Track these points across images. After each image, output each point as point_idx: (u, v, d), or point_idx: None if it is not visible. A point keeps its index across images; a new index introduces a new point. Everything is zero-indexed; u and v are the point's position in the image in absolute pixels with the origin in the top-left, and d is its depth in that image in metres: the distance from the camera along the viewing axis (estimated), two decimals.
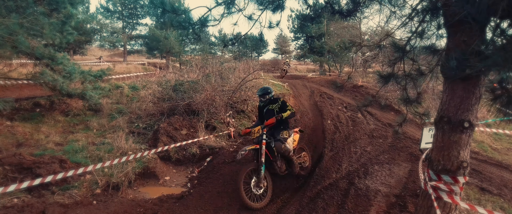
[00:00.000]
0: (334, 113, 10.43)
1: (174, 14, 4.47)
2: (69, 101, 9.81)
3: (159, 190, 5.87)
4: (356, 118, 9.97)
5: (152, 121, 8.55)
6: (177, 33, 26.70)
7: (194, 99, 8.23)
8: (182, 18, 4.41)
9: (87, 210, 4.35)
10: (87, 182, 5.50)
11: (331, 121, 9.40)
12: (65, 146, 7.22)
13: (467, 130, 3.06)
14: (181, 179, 6.52)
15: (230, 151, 7.05)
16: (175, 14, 4.46)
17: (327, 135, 8.09)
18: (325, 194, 5.06)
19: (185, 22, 4.13)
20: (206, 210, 4.77)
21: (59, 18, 7.41)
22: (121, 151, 6.79)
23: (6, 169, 5.28)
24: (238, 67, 11.12)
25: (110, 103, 10.15)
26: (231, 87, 9.26)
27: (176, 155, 7.04)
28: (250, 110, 8.98)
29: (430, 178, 3.33)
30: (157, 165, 6.58)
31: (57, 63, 7.73)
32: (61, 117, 9.23)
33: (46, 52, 7.08)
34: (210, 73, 9.49)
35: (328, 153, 6.91)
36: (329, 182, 5.54)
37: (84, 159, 6.45)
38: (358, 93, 14.05)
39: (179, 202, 5.05)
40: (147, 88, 10.80)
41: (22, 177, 5.29)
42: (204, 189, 5.48)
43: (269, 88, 5.73)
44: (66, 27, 7.60)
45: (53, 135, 7.91)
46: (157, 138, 7.21)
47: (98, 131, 8.53)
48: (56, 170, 5.52)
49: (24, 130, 8.06)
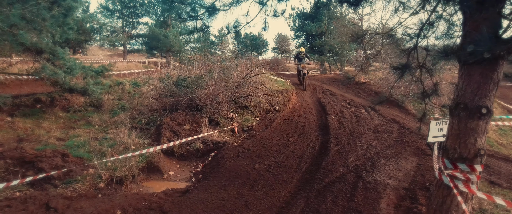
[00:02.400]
0: (338, 109, 10.35)
1: (182, 5, 4.39)
2: (70, 97, 9.69)
3: (163, 185, 5.77)
4: (360, 114, 9.88)
5: (154, 117, 8.45)
6: (183, 27, 26.62)
7: (197, 94, 8.13)
8: (190, 7, 4.32)
9: (91, 203, 4.25)
10: (90, 176, 5.40)
11: (335, 117, 9.31)
12: (66, 141, 7.12)
13: (484, 117, 2.98)
14: (185, 173, 6.42)
15: (234, 146, 6.96)
16: (182, 4, 4.37)
17: (332, 130, 8.01)
18: (334, 187, 4.97)
19: (194, 12, 4.03)
20: (211, 203, 4.68)
21: (59, 11, 7.30)
22: (124, 146, 6.69)
23: (8, 163, 5.18)
24: (240, 63, 11.02)
25: (111, 99, 10.03)
26: (234, 83, 9.18)
27: (180, 150, 6.94)
28: (253, 105, 8.89)
29: (445, 167, 3.24)
30: (161, 160, 6.48)
31: (58, 58, 7.62)
32: (62, 113, 9.12)
33: (47, 46, 6.97)
34: (213, 68, 9.39)
35: (333, 148, 6.82)
36: (337, 175, 5.46)
37: (86, 153, 6.35)
38: (361, 90, 13.97)
39: (184, 196, 4.95)
40: (149, 84, 10.70)
41: (23, 171, 5.19)
42: (209, 183, 5.39)
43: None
44: (67, 20, 7.48)
45: (54, 130, 7.80)
46: (160, 133, 7.11)
47: (100, 127, 8.43)
48: (59, 164, 5.42)
49: (24, 126, 7.96)
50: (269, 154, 6.52)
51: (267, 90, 10.01)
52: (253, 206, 4.58)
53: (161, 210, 4.42)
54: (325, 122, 8.90)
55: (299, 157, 6.46)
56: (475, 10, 2.87)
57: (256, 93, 9.36)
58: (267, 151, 6.68)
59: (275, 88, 10.54)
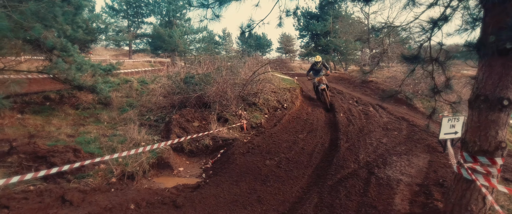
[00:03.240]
0: (346, 107, 10.31)
1: None
2: (78, 94, 9.76)
3: (174, 180, 5.77)
4: (368, 111, 9.84)
5: (163, 114, 8.47)
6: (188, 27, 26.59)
7: (205, 91, 8.13)
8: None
9: (105, 196, 4.26)
10: (102, 171, 5.42)
11: (343, 115, 9.28)
12: (76, 138, 7.16)
13: (506, 109, 2.94)
14: (195, 170, 6.42)
15: (244, 142, 6.95)
16: None
17: (341, 128, 7.98)
18: (346, 182, 4.94)
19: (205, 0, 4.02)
20: (224, 198, 4.67)
21: (70, 9, 7.34)
22: (134, 142, 6.72)
23: (21, 158, 5.21)
24: (247, 61, 11.03)
25: (119, 97, 10.08)
26: (241, 81, 9.18)
27: (189, 147, 6.94)
28: (262, 103, 8.88)
29: (464, 160, 3.21)
30: (171, 156, 6.49)
31: (69, 55, 7.66)
32: (71, 110, 9.18)
33: (58, 42, 7.01)
34: (221, 66, 9.40)
35: (344, 144, 6.79)
36: (348, 171, 5.43)
37: (97, 149, 6.38)
38: (368, 88, 13.92)
39: (196, 191, 4.95)
40: (156, 82, 10.73)
41: (36, 165, 5.21)
42: (221, 178, 5.38)
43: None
44: (76, 19, 7.52)
45: (64, 127, 7.85)
46: (169, 130, 7.13)
47: (109, 124, 8.46)
48: (70, 159, 5.45)
49: (35, 123, 8.01)
50: (279, 151, 6.50)
51: (274, 88, 10.00)
52: (266, 201, 4.57)
53: (174, 204, 4.41)
54: (334, 120, 8.87)
55: (310, 153, 6.44)
56: (497, 2, 2.84)
57: (264, 90, 9.35)
58: (277, 148, 6.66)
59: (282, 86, 10.53)
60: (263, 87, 9.30)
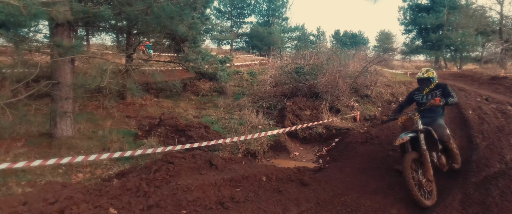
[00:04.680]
0: (474, 104, 8.96)
1: None
2: (198, 83, 11.01)
3: (291, 163, 5.92)
4: (506, 110, 8.32)
5: (274, 102, 8.83)
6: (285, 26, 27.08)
7: (318, 80, 8.14)
8: None
9: (240, 166, 4.66)
10: (229, 147, 5.94)
11: (472, 112, 8.07)
12: (200, 119, 8.04)
13: None
14: (309, 156, 6.48)
15: (360, 132, 6.69)
16: None
17: (473, 125, 6.95)
18: (497, 181, 4.25)
19: None
20: (350, 182, 4.55)
21: None
22: (252, 125, 7.17)
23: (167, 129, 6.13)
24: (356, 54, 10.62)
25: (232, 86, 10.95)
26: (352, 73, 8.88)
27: (303, 133, 7.06)
28: (374, 95, 8.42)
29: None
30: (286, 141, 6.70)
31: (196, 46, 8.64)
32: (193, 96, 10.42)
33: (189, 33, 8.00)
34: (331, 57, 9.26)
35: (481, 143, 5.88)
36: (494, 171, 4.65)
37: (221, 129, 7.04)
38: (500, 85, 11.76)
39: (319, 173, 4.97)
40: (265, 74, 11.27)
41: (177, 137, 6.05)
42: (342, 164, 5.29)
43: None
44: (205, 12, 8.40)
45: (189, 109, 8.94)
46: (284, 115, 7.37)
47: (225, 109, 9.27)
48: (203, 134, 6.14)
49: (167, 105, 9.37)
50: None
51: (387, 81, 9.34)
52: (398, 190, 4.28)
53: (301, 182, 4.52)
54: (461, 116, 7.81)
55: None
56: None
57: (377, 83, 8.83)
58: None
59: (396, 80, 9.77)
60: (376, 80, 8.79)
